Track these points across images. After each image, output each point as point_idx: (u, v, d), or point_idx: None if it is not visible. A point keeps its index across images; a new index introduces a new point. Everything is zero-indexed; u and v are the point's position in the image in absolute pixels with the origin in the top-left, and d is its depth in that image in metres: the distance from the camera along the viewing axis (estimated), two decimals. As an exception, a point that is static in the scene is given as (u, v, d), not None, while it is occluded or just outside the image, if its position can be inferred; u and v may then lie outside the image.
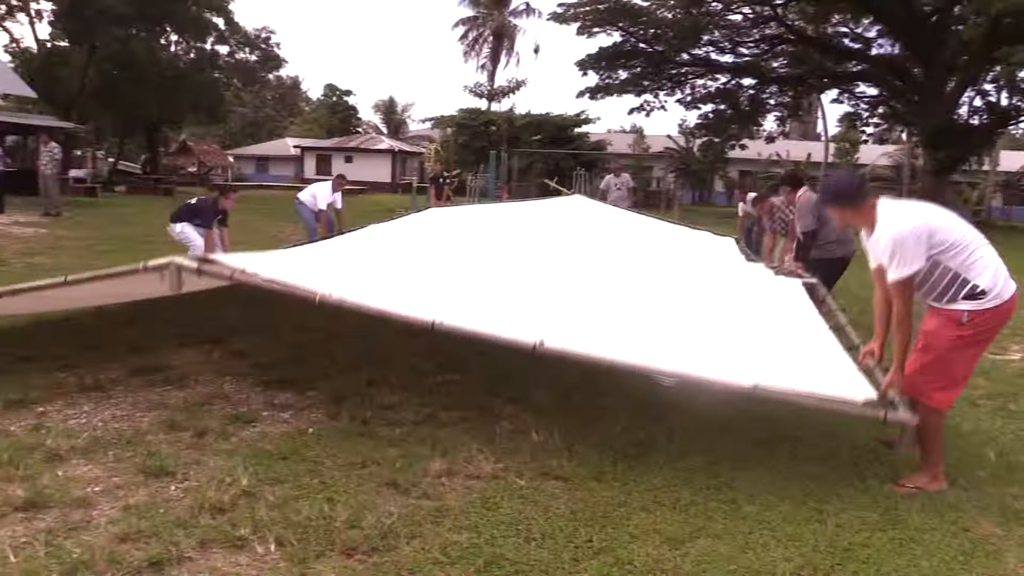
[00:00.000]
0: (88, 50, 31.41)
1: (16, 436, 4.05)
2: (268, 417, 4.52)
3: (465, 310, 4.36)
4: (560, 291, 5.51)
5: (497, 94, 50.12)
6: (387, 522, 3.25)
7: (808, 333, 5.03)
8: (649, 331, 4.65)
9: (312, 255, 6.04)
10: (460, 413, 4.67)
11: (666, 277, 6.93)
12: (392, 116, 66.72)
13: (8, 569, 2.81)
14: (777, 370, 4.00)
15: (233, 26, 36.47)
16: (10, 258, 10.86)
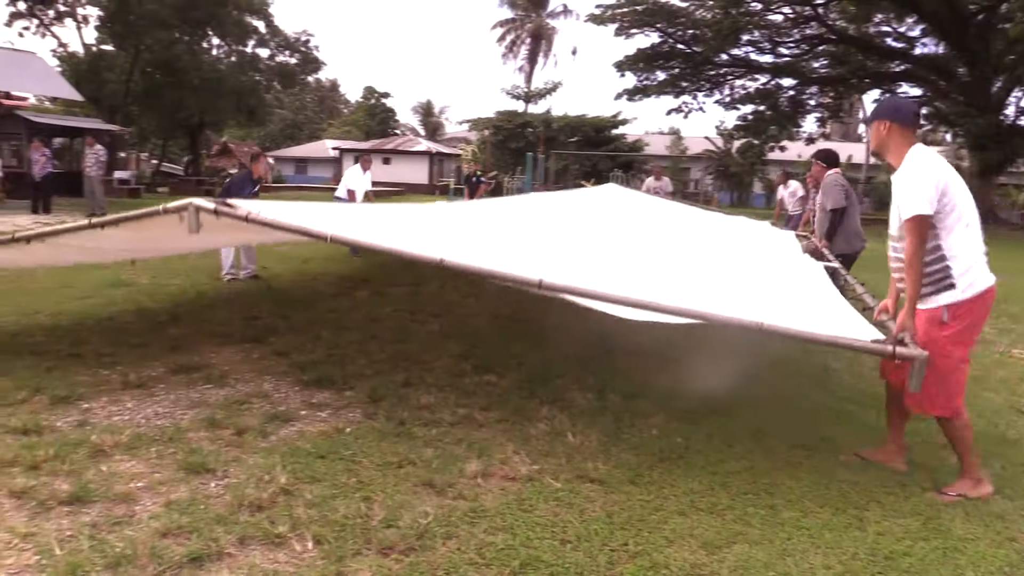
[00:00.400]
0: (133, 54, 32.02)
1: (62, 431, 4.14)
2: (306, 416, 4.56)
3: (479, 255, 4.40)
4: (586, 251, 5.77)
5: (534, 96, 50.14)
6: (423, 522, 3.26)
7: (821, 289, 5.24)
8: (670, 282, 4.72)
9: (338, 215, 6.12)
10: (496, 414, 4.67)
11: (693, 243, 7.24)
12: (430, 118, 67.12)
13: (54, 561, 2.87)
14: (787, 315, 3.97)
15: (273, 29, 36.93)
16: (57, 257, 11.09)
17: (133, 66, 32.22)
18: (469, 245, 5.06)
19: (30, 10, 31.90)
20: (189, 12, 30.81)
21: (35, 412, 4.38)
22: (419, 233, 5.52)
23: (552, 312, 7.92)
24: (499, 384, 5.32)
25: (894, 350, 3.51)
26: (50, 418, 4.32)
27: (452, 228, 6.24)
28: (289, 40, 37.90)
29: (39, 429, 4.13)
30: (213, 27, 33.91)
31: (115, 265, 10.04)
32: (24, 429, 4.11)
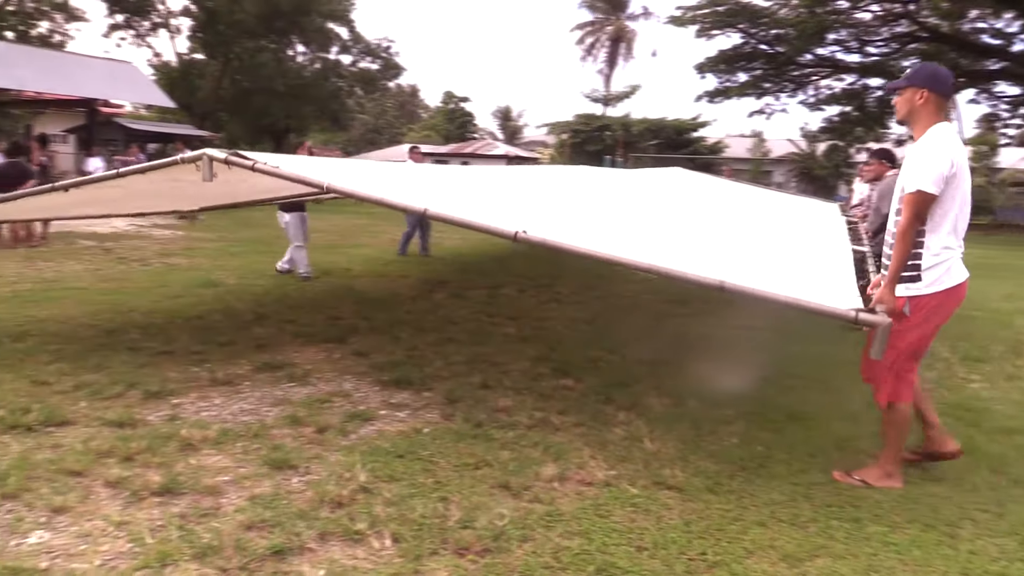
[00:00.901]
0: (222, 62, 33.16)
1: (154, 425, 4.30)
2: (385, 416, 4.63)
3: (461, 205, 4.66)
4: (610, 213, 6.16)
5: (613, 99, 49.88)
6: (499, 524, 3.27)
7: (832, 259, 5.19)
8: (674, 244, 4.86)
9: (358, 171, 6.26)
10: (573, 418, 4.66)
11: (727, 215, 7.45)
12: (508, 122, 67.49)
13: (145, 549, 2.98)
14: (768, 278, 3.96)
15: (355, 36, 37.68)
16: (151, 258, 11.55)
17: (222, 74, 33.35)
18: (456, 195, 5.51)
19: (127, 22, 33.37)
20: (274, 21, 31.75)
21: (129, 406, 4.57)
22: (427, 190, 5.69)
23: (632, 317, 7.87)
24: (576, 388, 5.30)
25: (856, 315, 3.39)
26: (143, 412, 4.50)
27: (451, 184, 6.56)
28: (371, 46, 38.61)
29: (133, 422, 4.31)
30: (297, 35, 34.83)
31: (206, 266, 10.43)
32: (119, 422, 4.29)
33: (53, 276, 9.47)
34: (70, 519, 3.21)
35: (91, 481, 3.56)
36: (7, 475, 3.54)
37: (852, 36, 31.37)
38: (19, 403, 4.50)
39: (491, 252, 12.94)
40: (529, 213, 5.36)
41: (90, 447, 3.90)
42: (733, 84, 32.77)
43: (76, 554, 2.95)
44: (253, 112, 34.49)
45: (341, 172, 5.40)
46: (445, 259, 12.39)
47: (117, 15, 32.86)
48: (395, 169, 7.35)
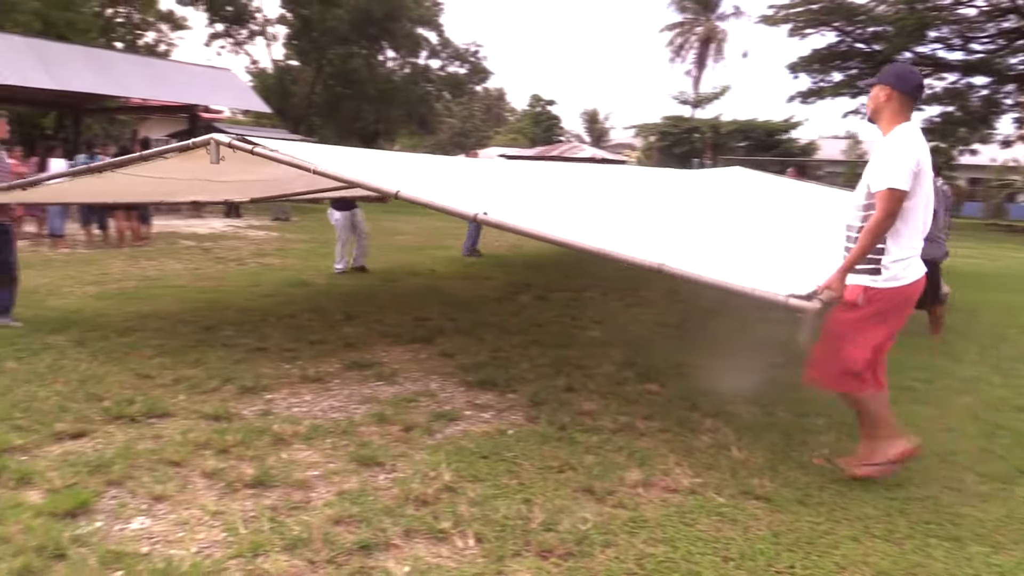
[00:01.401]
0: (315, 68, 34.08)
1: (247, 420, 4.45)
2: (470, 416, 4.67)
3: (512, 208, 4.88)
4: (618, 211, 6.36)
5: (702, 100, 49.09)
6: (582, 528, 3.26)
7: (808, 247, 5.20)
8: (658, 237, 5.06)
9: (362, 160, 6.35)
10: (659, 424, 4.60)
11: (733, 208, 7.69)
12: (595, 125, 67.20)
13: (239, 539, 3.08)
14: (715, 264, 4.05)
15: (444, 41, 38.19)
16: (247, 258, 11.97)
17: (315, 79, 34.29)
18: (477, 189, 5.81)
19: (227, 30, 34.66)
20: (366, 27, 32.46)
21: (225, 400, 4.74)
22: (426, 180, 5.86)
23: (719, 322, 7.72)
24: (661, 393, 5.24)
25: (787, 300, 3.40)
26: (238, 406, 4.66)
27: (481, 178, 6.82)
28: (459, 51, 39.06)
29: (228, 416, 4.46)
30: (388, 40, 35.51)
31: (297, 267, 10.74)
32: (215, 415, 4.45)
33: (155, 274, 9.92)
34: (169, 507, 3.35)
35: (189, 471, 3.71)
36: (112, 463, 3.72)
37: (955, 33, 30.07)
38: (124, 395, 4.73)
39: (571, 254, 12.89)
40: (509, 200, 5.62)
41: (188, 439, 4.06)
42: (827, 84, 31.86)
43: (174, 541, 3.07)
44: (344, 116, 35.34)
45: (331, 157, 5.49)
46: (527, 261, 12.42)
47: (217, 24, 34.18)
48: (389, 156, 7.68)
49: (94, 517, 3.23)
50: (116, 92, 19.40)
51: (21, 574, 2.75)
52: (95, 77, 17.81)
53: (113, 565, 2.85)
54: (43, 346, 5.83)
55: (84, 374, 5.15)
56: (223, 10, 33.57)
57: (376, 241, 14.40)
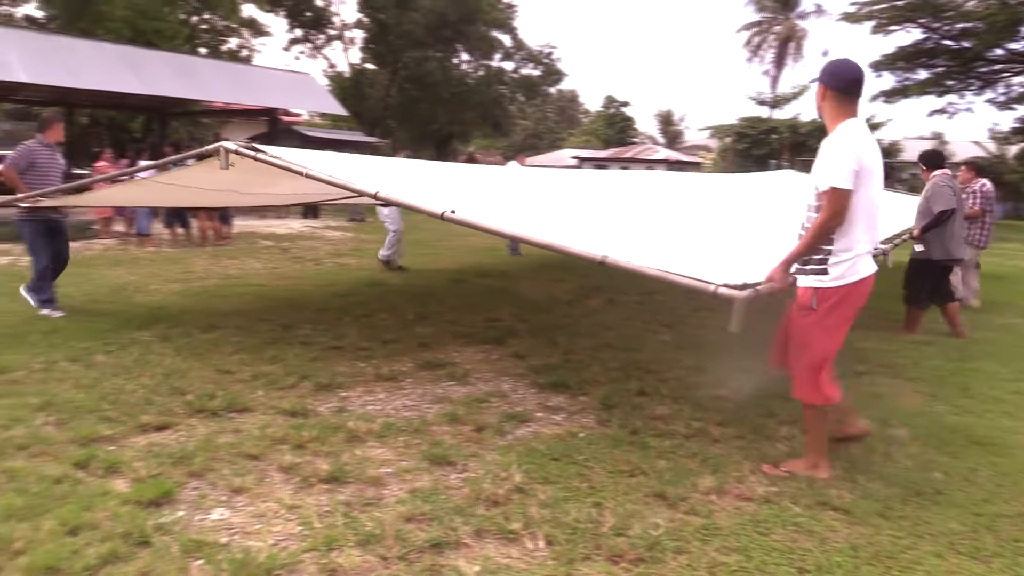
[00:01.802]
0: (391, 71, 34.60)
1: (323, 416, 4.54)
2: (542, 418, 4.67)
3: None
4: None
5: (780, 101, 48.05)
6: (654, 534, 3.22)
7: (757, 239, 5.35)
8: (618, 235, 5.30)
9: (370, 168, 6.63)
10: (732, 430, 4.52)
11: (716, 206, 7.92)
12: (669, 126, 66.52)
13: (313, 533, 3.14)
14: (657, 257, 4.16)
15: (518, 43, 38.32)
16: (323, 258, 12.22)
17: (391, 82, 34.80)
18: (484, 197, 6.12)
19: (306, 35, 35.48)
20: (441, 30, 32.81)
21: (302, 397, 4.84)
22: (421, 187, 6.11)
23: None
24: (735, 399, 5.14)
25: (716, 289, 3.51)
26: (314, 403, 4.76)
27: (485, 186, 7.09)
28: (533, 53, 39.13)
29: (304, 412, 4.56)
30: (462, 43, 35.81)
31: (372, 266, 10.91)
32: (292, 411, 4.56)
33: (236, 273, 10.21)
34: (247, 499, 3.44)
35: (266, 465, 3.80)
36: (194, 455, 3.84)
37: (1051, 29, 28.72)
38: (205, 389, 4.88)
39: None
40: (479, 200, 5.91)
41: (266, 433, 4.17)
42: (912, 82, 30.81)
43: (252, 532, 3.15)
44: (419, 119, 35.77)
45: (325, 162, 5.71)
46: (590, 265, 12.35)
47: (297, 30, 35.01)
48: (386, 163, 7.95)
49: (176, 507, 3.34)
50: (200, 96, 20.04)
51: (108, 559, 2.86)
52: (181, 82, 18.44)
53: (194, 554, 2.94)
54: (130, 341, 6.06)
55: (168, 368, 5.33)
56: (303, 15, 34.39)
57: (446, 243, 14.52)
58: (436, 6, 32.49)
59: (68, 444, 3.94)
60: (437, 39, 33.87)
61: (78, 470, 3.64)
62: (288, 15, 34.17)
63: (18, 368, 5.21)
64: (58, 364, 5.35)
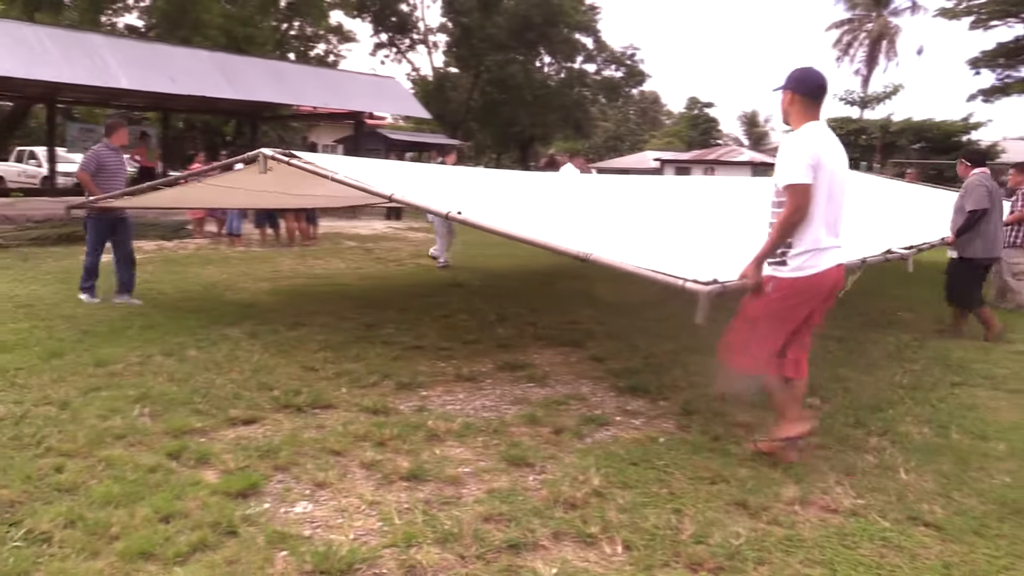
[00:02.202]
0: (473, 74, 34.90)
1: (404, 415, 4.60)
2: (621, 422, 4.63)
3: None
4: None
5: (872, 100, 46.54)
6: (734, 543, 3.15)
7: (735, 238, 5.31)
8: (607, 235, 5.64)
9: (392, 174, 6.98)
10: (818, 440, 4.39)
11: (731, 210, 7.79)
12: (754, 128, 65.18)
13: (393, 529, 3.19)
14: (637, 255, 4.40)
15: (600, 45, 38.15)
16: (405, 259, 12.42)
17: (473, 85, 35.10)
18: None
19: (390, 40, 36.12)
20: (524, 33, 32.94)
21: (383, 395, 4.93)
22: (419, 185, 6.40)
23: (889, 336, 7.30)
24: (822, 408, 4.99)
25: (683, 284, 3.77)
26: (395, 401, 4.83)
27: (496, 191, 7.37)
28: (615, 54, 38.91)
29: (386, 410, 4.64)
30: (545, 46, 35.86)
31: (453, 268, 11.03)
32: (374, 409, 4.64)
33: (322, 272, 10.47)
34: (330, 494, 3.51)
35: (348, 461, 3.88)
36: (279, 449, 3.95)
37: None
38: (291, 385, 5.01)
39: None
40: (483, 202, 6.22)
41: (349, 430, 4.25)
42: (1013, 79, 29.43)
43: (334, 526, 3.22)
44: (501, 121, 35.98)
45: (352, 167, 6.09)
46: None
47: (382, 34, 35.68)
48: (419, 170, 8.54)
49: (263, 499, 3.44)
50: (290, 100, 20.61)
51: (198, 547, 2.97)
52: (271, 87, 19.00)
53: (278, 545, 3.02)
54: (221, 337, 6.27)
55: (256, 364, 5.50)
56: (388, 20, 35.01)
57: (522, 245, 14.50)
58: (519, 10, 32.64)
59: (162, 435, 4.10)
60: (520, 42, 34.02)
61: (171, 460, 3.79)
62: (374, 20, 34.85)
63: (117, 361, 5.45)
64: (154, 358, 5.58)
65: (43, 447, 3.87)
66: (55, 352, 5.62)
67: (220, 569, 2.82)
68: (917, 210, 9.72)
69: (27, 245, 12.00)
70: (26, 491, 3.38)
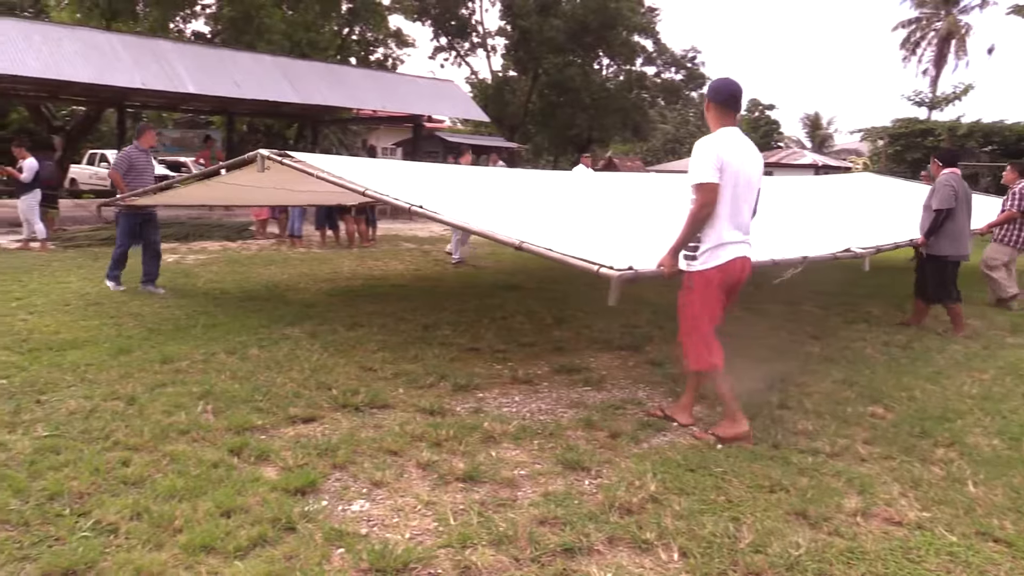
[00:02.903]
0: (532, 77, 34.94)
1: (460, 416, 4.63)
2: (678, 428, 4.58)
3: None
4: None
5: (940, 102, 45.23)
6: (794, 553, 3.09)
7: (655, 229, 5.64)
8: (546, 226, 5.87)
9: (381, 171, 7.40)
10: (881, 450, 4.28)
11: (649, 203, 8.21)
12: (817, 130, 63.90)
13: (448, 530, 3.21)
14: (562, 243, 4.82)
15: (660, 47, 37.84)
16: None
17: (532, 88, 35.12)
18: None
19: (450, 44, 36.39)
20: (583, 36, 32.83)
21: (440, 396, 4.96)
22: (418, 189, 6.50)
23: (955, 343, 7.09)
24: (886, 417, 4.87)
25: (598, 269, 4.20)
26: (451, 403, 4.86)
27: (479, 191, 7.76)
28: (675, 57, 38.55)
29: (442, 411, 4.67)
30: (603, 49, 35.70)
31: (509, 270, 11.06)
32: (431, 410, 4.67)
33: (380, 274, 10.59)
34: (386, 493, 3.55)
35: (405, 461, 3.91)
36: (337, 447, 4.00)
37: None
38: (349, 385, 5.08)
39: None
40: (446, 197, 6.47)
41: (406, 430, 4.29)
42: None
43: (390, 525, 3.25)
44: (559, 124, 35.93)
45: (335, 166, 6.48)
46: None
47: (442, 38, 35.96)
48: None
49: (320, 496, 3.49)
50: (351, 104, 20.92)
51: (257, 542, 3.03)
52: (333, 90, 19.30)
53: (336, 542, 3.06)
54: (281, 336, 6.39)
55: (316, 364, 5.58)
56: (447, 24, 35.27)
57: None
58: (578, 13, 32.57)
59: (224, 431, 4.19)
60: (578, 45, 33.93)
61: (232, 456, 3.87)
62: (434, 24, 35.15)
63: (182, 358, 5.60)
64: (217, 356, 5.72)
65: (111, 441, 4.00)
66: (123, 349, 5.80)
67: (279, 564, 2.86)
68: (900, 209, 9.89)
69: (98, 245, 12.42)
70: (94, 483, 3.49)
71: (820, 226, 8.03)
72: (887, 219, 9.23)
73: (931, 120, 42.12)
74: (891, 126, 40.76)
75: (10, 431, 4.10)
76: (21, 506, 3.25)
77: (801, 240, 6.49)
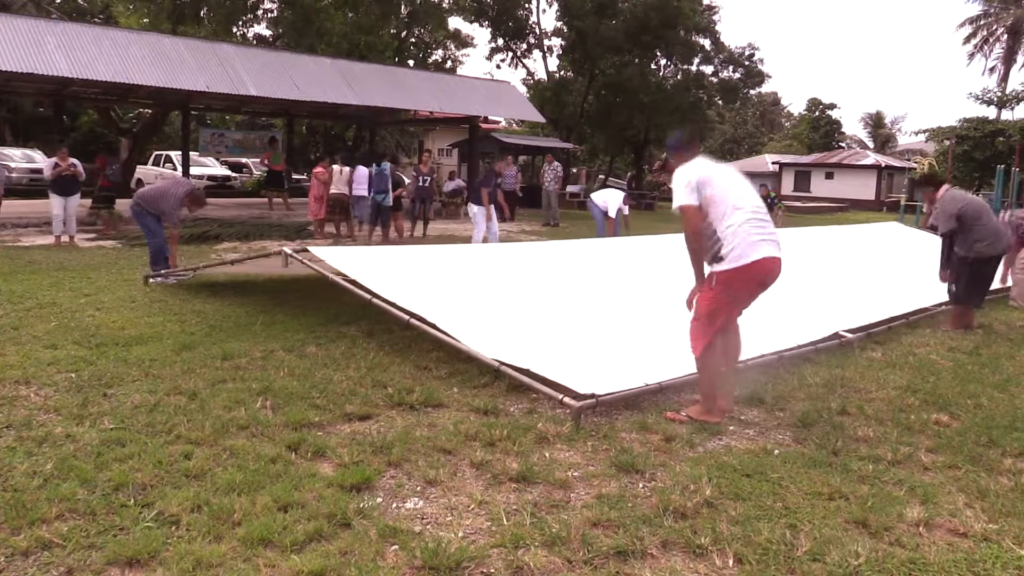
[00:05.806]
0: (588, 78, 34.79)
1: (514, 416, 4.63)
2: (734, 432, 4.52)
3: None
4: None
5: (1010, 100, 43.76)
6: (853, 563, 3.02)
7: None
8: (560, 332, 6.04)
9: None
10: (945, 459, 4.16)
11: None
12: (879, 130, 62.46)
13: (501, 530, 3.21)
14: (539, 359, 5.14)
15: (719, 46, 37.31)
16: (516, 261, 12.50)
17: (588, 89, 34.97)
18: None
19: (507, 44, 36.47)
20: (640, 36, 32.54)
21: (494, 396, 4.97)
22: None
23: (1021, 352, 6.86)
24: (951, 426, 4.73)
25: (561, 399, 4.65)
26: (505, 403, 4.87)
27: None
28: (734, 55, 37.98)
29: (496, 411, 4.68)
30: (661, 48, 35.34)
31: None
32: (485, 410, 4.69)
33: (435, 274, 10.61)
34: (440, 492, 3.57)
35: (459, 460, 3.93)
36: (392, 445, 4.04)
37: None
38: (404, 384, 5.12)
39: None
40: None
41: (459, 429, 4.31)
42: None
43: (443, 524, 3.27)
44: (616, 125, 35.66)
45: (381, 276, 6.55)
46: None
47: (499, 39, 36.05)
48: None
49: (375, 493, 3.53)
50: (408, 106, 21.09)
51: (313, 536, 3.07)
52: (390, 92, 19.49)
53: (390, 539, 3.10)
54: (338, 335, 6.48)
55: (371, 363, 5.65)
56: (505, 25, 35.34)
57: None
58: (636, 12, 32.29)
59: (282, 427, 4.27)
60: (636, 45, 33.62)
61: (290, 452, 3.94)
62: (491, 25, 35.23)
63: (242, 355, 5.72)
64: (275, 353, 5.82)
65: (173, 435, 4.10)
66: (186, 345, 5.95)
67: (334, 559, 2.90)
68: (915, 267, 9.90)
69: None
70: (157, 475, 3.59)
71: (815, 300, 7.72)
72: (898, 282, 9.27)
73: (1001, 120, 40.77)
74: (958, 126, 39.59)
75: (78, 423, 4.24)
76: (88, 496, 3.36)
77: (787, 323, 6.57)
